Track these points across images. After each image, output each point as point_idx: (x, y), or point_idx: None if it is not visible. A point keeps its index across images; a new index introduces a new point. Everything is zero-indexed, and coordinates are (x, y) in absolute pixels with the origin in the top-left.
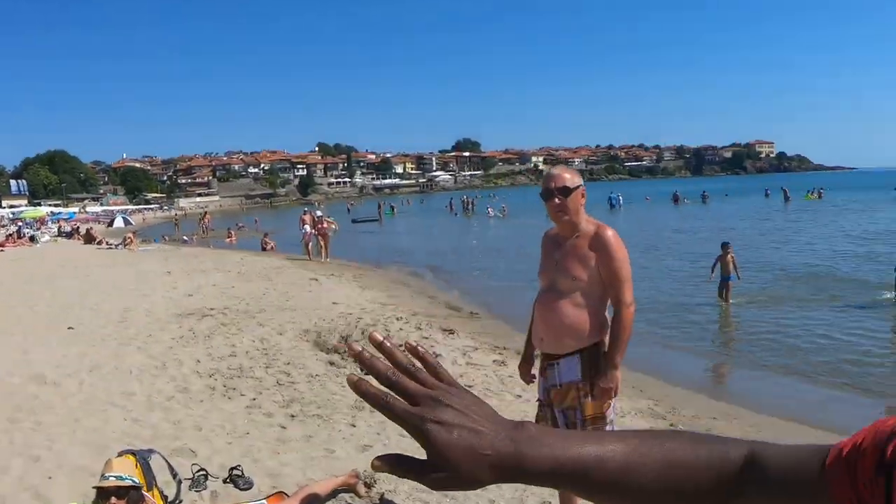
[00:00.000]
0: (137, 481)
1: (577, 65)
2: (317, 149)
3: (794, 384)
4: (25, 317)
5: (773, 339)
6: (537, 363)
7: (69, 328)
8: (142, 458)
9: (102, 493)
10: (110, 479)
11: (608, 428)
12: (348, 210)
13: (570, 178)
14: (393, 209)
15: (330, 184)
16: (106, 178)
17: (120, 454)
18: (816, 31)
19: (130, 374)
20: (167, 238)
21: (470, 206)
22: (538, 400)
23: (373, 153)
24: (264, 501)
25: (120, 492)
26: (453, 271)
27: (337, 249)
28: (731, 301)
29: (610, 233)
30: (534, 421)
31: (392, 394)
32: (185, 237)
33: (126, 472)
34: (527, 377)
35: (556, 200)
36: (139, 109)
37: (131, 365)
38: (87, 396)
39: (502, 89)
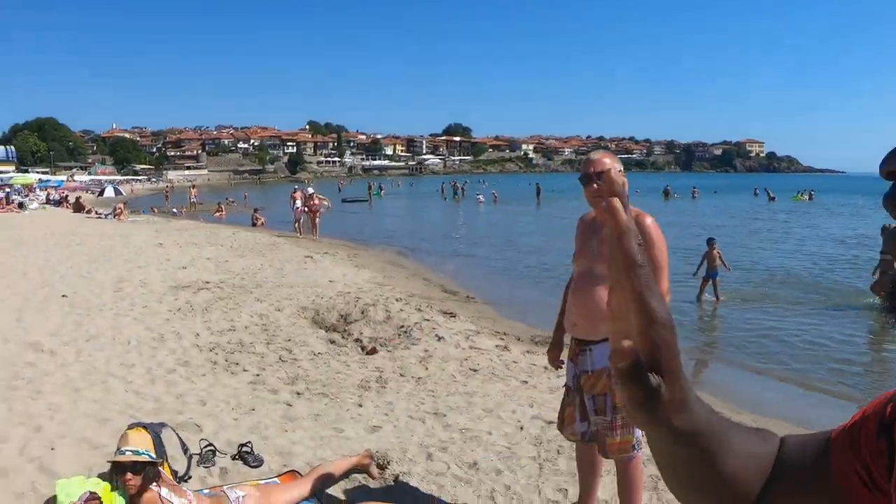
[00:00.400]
0: (154, 456)
1: (569, 54)
2: (307, 127)
3: (790, 388)
4: (17, 283)
5: (759, 341)
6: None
7: (63, 296)
8: (153, 432)
9: (118, 468)
10: (126, 453)
11: None
12: (339, 189)
13: (609, 162)
14: (381, 190)
15: (319, 162)
16: (95, 148)
17: (131, 427)
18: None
19: (129, 345)
20: (156, 210)
21: (461, 191)
22: (565, 386)
23: (363, 134)
24: (276, 480)
25: (136, 467)
26: (443, 255)
27: (327, 228)
28: (720, 298)
29: (649, 220)
30: (559, 408)
31: None
32: (174, 209)
33: (142, 446)
34: (555, 363)
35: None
36: (130, 80)
37: (129, 336)
38: (86, 367)
39: (493, 76)
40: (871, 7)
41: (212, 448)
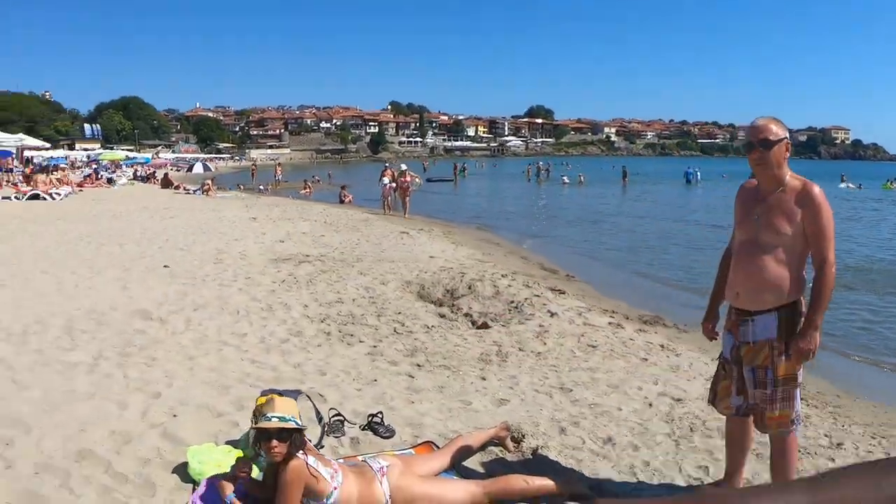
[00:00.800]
0: (300, 423)
1: (655, 38)
2: (389, 107)
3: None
4: (116, 254)
5: (862, 329)
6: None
7: (165, 266)
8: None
9: (262, 434)
10: (273, 419)
11: (797, 392)
12: (424, 169)
13: (774, 129)
14: (465, 170)
15: (401, 143)
16: (178, 127)
17: (265, 393)
18: None
19: (238, 315)
20: (242, 187)
21: (545, 173)
22: (721, 357)
23: (445, 114)
24: (411, 451)
25: (282, 434)
26: (531, 235)
27: (414, 206)
28: None
29: (817, 189)
30: (712, 381)
31: None
32: (260, 186)
33: (289, 412)
34: (710, 334)
35: (757, 153)
36: (213, 60)
37: (237, 305)
38: (197, 335)
39: (577, 58)
40: None
41: (340, 418)
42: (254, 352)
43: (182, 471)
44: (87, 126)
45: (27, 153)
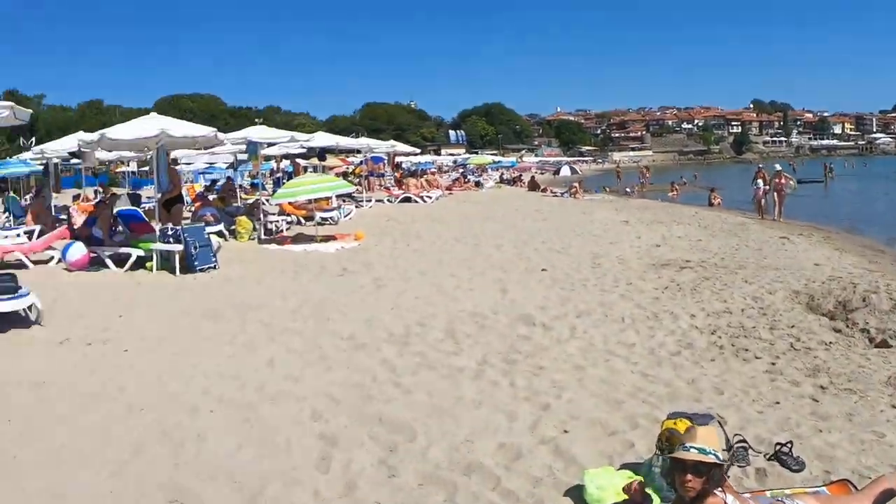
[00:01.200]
0: (722, 458)
1: None
2: (751, 106)
3: None
4: (493, 256)
5: None
6: None
7: (543, 269)
8: (700, 425)
9: (677, 465)
10: (691, 450)
11: None
12: (794, 170)
13: None
14: (832, 171)
15: (765, 142)
16: (540, 131)
17: (672, 416)
18: None
19: (623, 323)
20: (608, 189)
21: None
22: None
23: (809, 112)
24: (824, 490)
25: (699, 467)
26: None
27: (786, 209)
28: None
29: None
30: None
31: None
32: (626, 189)
33: (711, 444)
34: None
35: None
36: (573, 64)
37: (621, 313)
38: (583, 343)
39: None
40: None
41: (745, 445)
42: (643, 364)
43: (576, 494)
44: (451, 132)
45: (397, 159)
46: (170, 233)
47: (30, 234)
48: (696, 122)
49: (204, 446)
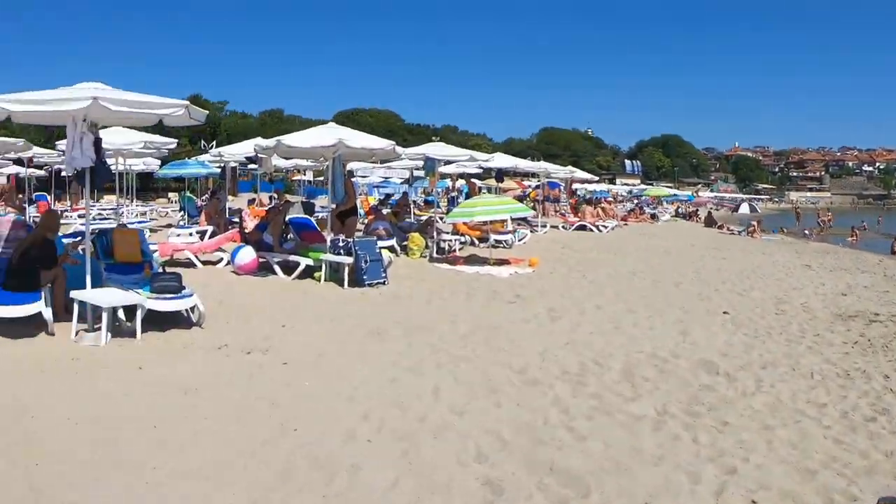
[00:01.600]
0: None
1: None
2: None
3: None
4: (673, 294)
5: None
6: None
7: (725, 313)
8: None
9: None
10: None
11: None
12: None
13: None
14: None
15: None
16: (717, 165)
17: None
18: None
19: (812, 379)
20: (785, 230)
21: None
22: None
23: None
24: None
25: None
26: None
27: None
28: None
29: None
30: None
31: None
32: (805, 231)
33: None
34: None
35: None
36: (751, 100)
37: (810, 367)
38: (770, 399)
39: None
40: None
41: None
42: (837, 429)
43: None
44: (627, 161)
45: (573, 185)
46: (341, 244)
47: (202, 234)
48: (877, 164)
49: (357, 478)
